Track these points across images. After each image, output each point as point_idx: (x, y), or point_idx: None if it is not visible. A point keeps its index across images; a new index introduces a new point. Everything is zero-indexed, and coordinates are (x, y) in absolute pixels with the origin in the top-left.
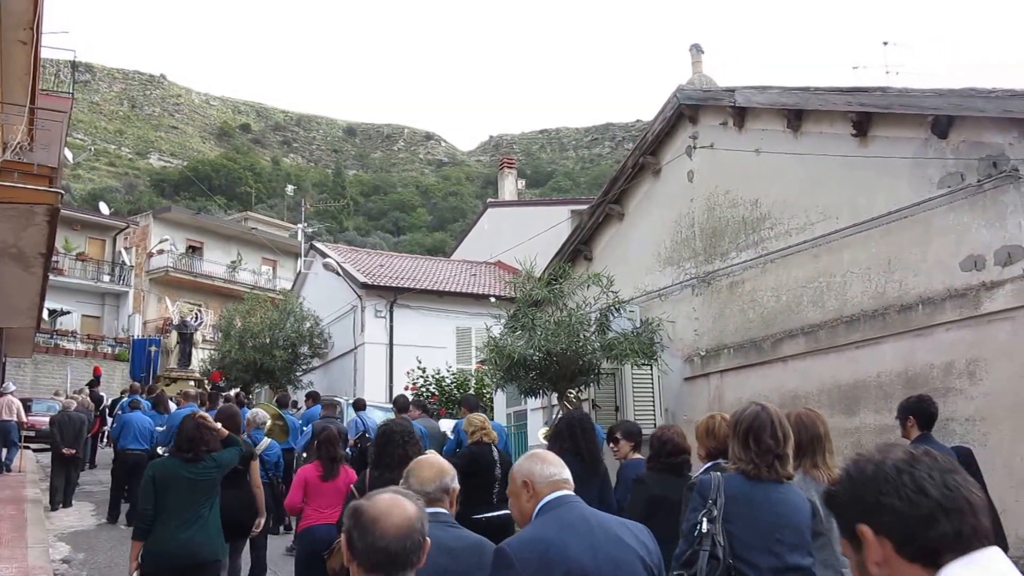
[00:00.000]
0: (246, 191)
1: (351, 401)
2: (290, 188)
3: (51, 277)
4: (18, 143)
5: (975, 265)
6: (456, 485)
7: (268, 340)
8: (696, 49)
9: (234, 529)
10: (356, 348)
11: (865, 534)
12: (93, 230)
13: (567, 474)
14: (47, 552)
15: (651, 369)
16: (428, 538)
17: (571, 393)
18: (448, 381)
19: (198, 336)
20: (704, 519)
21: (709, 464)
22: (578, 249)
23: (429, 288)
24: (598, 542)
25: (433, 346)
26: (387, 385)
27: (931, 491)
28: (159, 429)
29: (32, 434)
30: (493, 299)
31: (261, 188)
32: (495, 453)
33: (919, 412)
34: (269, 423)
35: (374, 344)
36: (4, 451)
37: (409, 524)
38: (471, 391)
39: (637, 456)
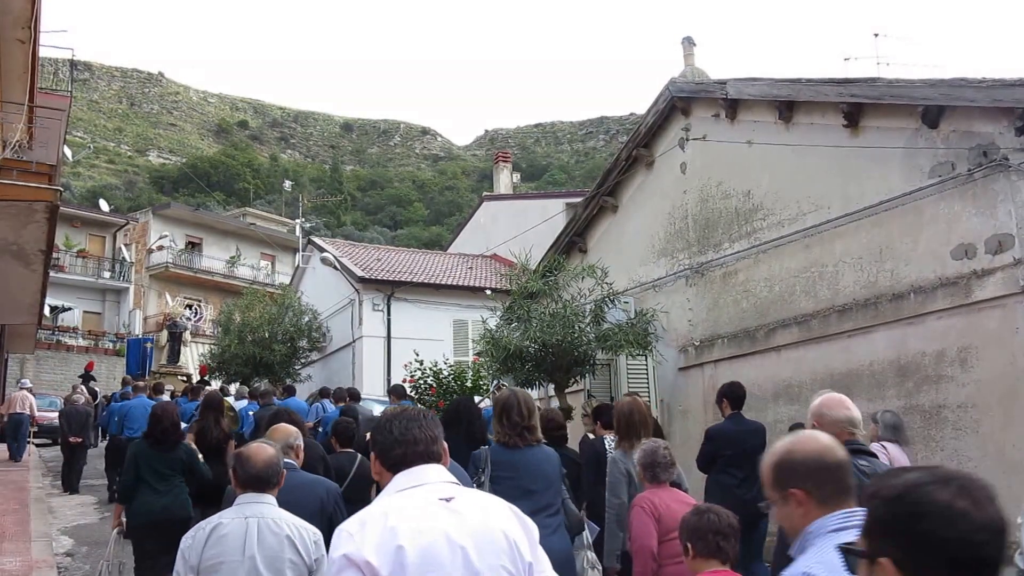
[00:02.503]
0: (244, 187)
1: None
2: (288, 184)
3: (52, 274)
4: (17, 141)
5: (966, 254)
6: (300, 443)
7: (267, 334)
8: (688, 42)
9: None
10: (354, 341)
11: (372, 459)
12: (93, 227)
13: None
14: (51, 545)
15: (646, 360)
16: (285, 470)
17: (503, 383)
18: (446, 373)
19: (187, 335)
20: (474, 483)
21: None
22: (573, 241)
23: (426, 282)
24: None
25: (430, 339)
26: (385, 378)
27: (394, 431)
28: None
29: (35, 429)
30: (489, 292)
31: (259, 184)
32: None
33: (730, 395)
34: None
35: (372, 337)
36: (16, 443)
37: (269, 459)
38: (468, 383)
39: None
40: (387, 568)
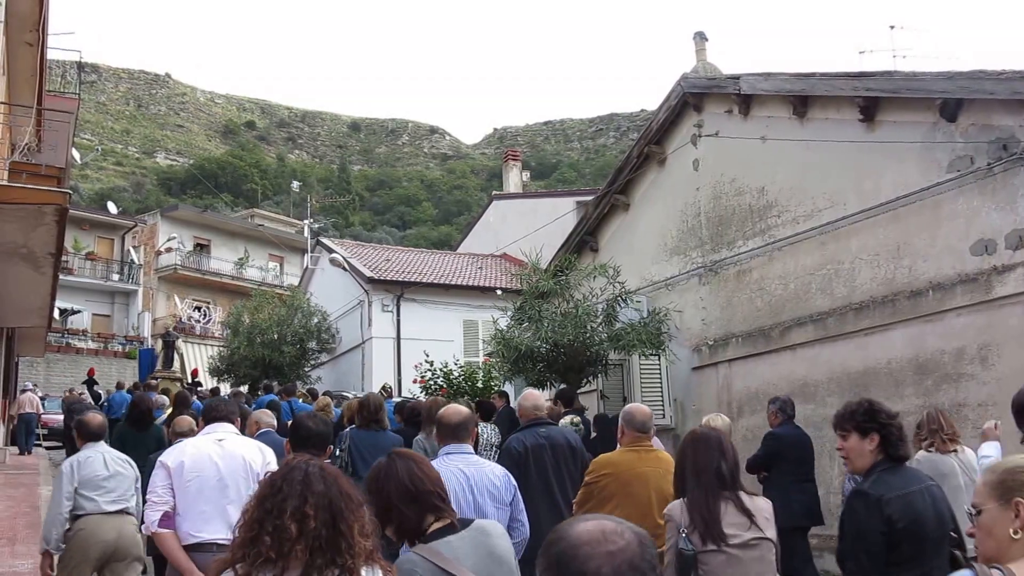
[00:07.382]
0: (252, 188)
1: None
2: (296, 184)
3: (61, 277)
4: (26, 144)
5: (985, 249)
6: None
7: (276, 336)
8: (700, 37)
9: None
10: (364, 342)
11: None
12: (102, 229)
13: (273, 420)
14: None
15: (659, 359)
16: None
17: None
18: (456, 374)
19: (179, 343)
20: (338, 450)
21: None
22: (584, 240)
23: (435, 282)
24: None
25: (440, 339)
26: (395, 379)
27: (212, 405)
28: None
29: (45, 431)
30: (499, 292)
31: (267, 185)
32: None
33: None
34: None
35: (381, 338)
36: (25, 439)
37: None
38: (479, 383)
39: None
40: (174, 468)
